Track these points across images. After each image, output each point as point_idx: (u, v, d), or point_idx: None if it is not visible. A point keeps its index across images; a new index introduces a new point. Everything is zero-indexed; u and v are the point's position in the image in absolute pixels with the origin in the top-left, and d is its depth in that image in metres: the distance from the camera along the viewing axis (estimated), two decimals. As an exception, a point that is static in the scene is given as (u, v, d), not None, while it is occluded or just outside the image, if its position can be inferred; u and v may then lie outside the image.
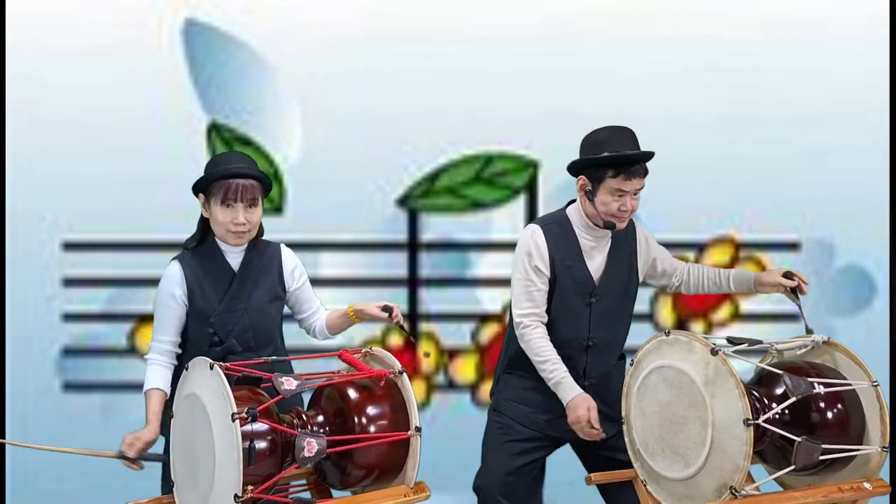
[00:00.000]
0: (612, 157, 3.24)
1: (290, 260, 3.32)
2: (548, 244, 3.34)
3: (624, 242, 3.41)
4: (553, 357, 3.29)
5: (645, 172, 3.29)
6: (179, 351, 3.23)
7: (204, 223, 3.25)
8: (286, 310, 3.35)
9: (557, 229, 3.37)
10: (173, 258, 3.26)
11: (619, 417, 3.29)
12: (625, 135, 3.30)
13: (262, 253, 3.27)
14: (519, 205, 4.69)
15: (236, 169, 3.17)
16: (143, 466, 3.05)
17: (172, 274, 3.23)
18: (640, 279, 3.48)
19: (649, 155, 3.27)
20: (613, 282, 3.38)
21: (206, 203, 3.20)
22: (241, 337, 3.22)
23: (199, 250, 3.26)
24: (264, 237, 3.31)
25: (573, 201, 3.41)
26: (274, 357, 3.13)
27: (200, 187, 3.20)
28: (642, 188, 3.30)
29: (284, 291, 3.31)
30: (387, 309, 3.23)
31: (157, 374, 3.19)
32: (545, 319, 3.35)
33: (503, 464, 3.41)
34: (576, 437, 3.36)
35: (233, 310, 3.21)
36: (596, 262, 3.37)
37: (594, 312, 3.37)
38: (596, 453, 3.45)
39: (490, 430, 3.50)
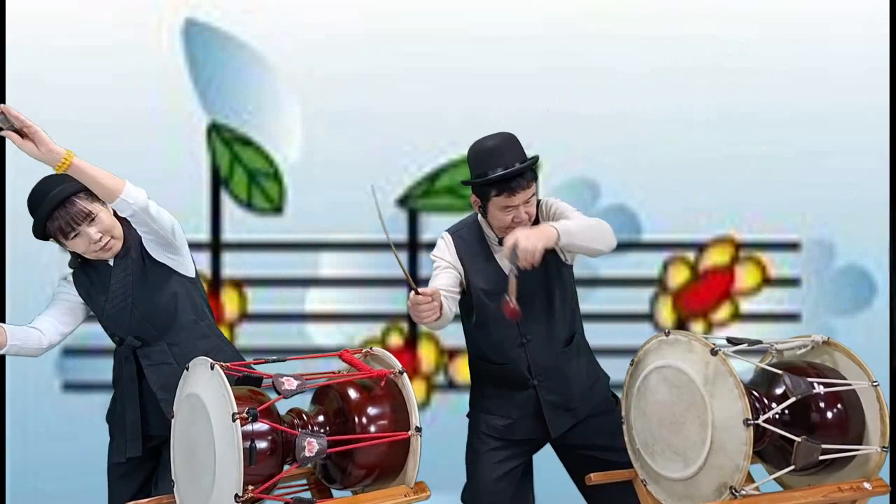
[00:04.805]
0: (487, 180, 3.16)
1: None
2: (457, 249, 3.31)
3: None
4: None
5: (531, 180, 3.18)
6: (56, 337, 3.26)
7: None
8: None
9: (467, 235, 3.35)
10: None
11: (573, 407, 3.28)
12: (507, 146, 3.20)
13: (130, 244, 3.22)
14: (519, 205, 4.67)
15: (52, 202, 3.10)
16: None
17: (67, 284, 3.29)
18: (567, 258, 3.32)
19: (526, 167, 3.15)
20: (529, 275, 3.13)
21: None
22: (142, 329, 3.22)
23: (84, 262, 3.26)
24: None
25: None
26: (275, 358, 3.12)
27: (40, 234, 3.17)
28: (534, 194, 3.20)
29: (154, 259, 3.21)
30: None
31: (17, 328, 3.19)
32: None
33: (486, 474, 3.39)
34: (549, 436, 3.35)
35: (120, 308, 3.22)
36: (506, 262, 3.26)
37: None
38: (573, 452, 3.45)
39: (468, 443, 3.48)
